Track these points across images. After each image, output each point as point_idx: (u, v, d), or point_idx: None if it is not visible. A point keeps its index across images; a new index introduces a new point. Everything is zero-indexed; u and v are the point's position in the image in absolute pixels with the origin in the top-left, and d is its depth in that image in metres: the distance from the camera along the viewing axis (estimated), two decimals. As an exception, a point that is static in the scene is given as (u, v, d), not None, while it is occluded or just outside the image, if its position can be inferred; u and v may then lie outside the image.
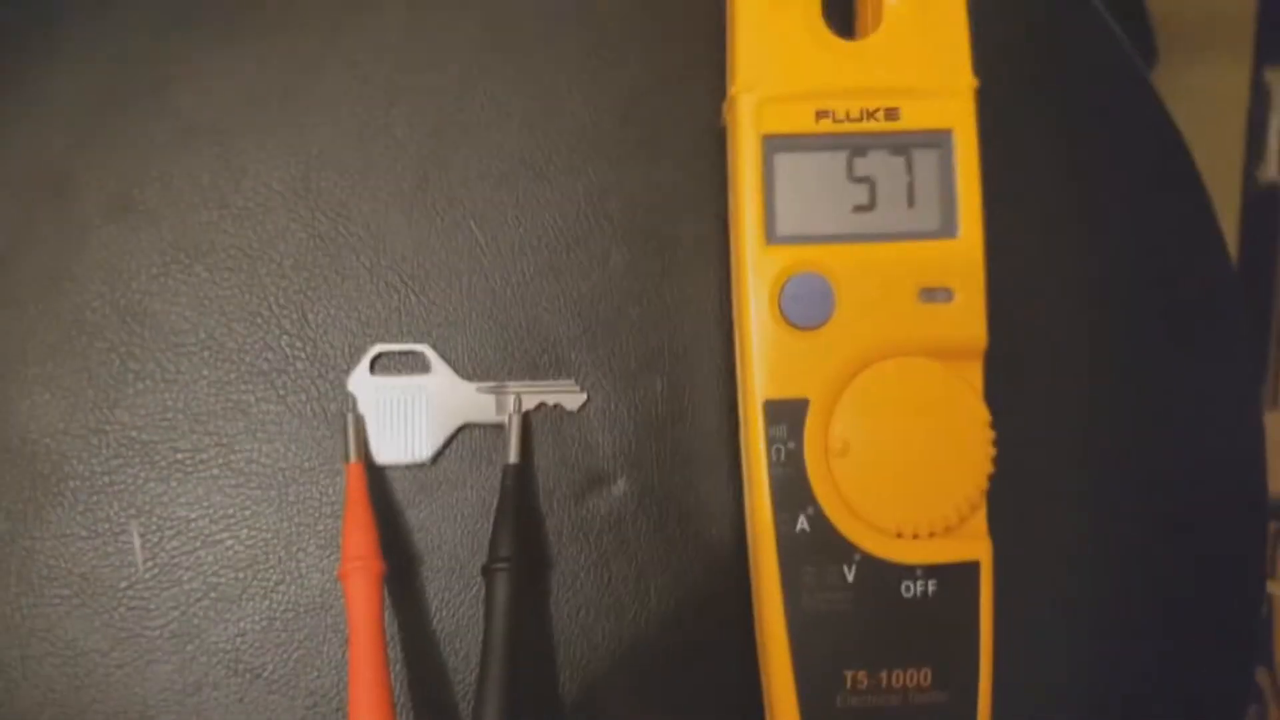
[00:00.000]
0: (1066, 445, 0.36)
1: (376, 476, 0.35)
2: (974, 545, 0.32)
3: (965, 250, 0.32)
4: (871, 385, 0.32)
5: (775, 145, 0.32)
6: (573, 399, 0.35)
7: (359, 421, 0.35)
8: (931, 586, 0.31)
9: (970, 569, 0.31)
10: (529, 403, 0.35)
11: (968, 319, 0.32)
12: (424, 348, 0.35)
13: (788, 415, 0.32)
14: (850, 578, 0.31)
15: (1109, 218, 0.37)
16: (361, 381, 0.35)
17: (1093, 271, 0.37)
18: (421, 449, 0.35)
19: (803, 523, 0.32)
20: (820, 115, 0.32)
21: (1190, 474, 0.36)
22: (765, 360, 0.32)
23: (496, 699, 0.32)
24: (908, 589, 0.31)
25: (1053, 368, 0.36)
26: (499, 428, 0.35)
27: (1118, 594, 0.36)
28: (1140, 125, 0.37)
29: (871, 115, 0.32)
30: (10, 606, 0.34)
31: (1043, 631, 0.35)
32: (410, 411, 0.35)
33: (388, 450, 0.35)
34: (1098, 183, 0.37)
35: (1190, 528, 0.36)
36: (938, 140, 0.32)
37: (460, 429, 0.35)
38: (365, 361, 0.35)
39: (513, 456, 0.35)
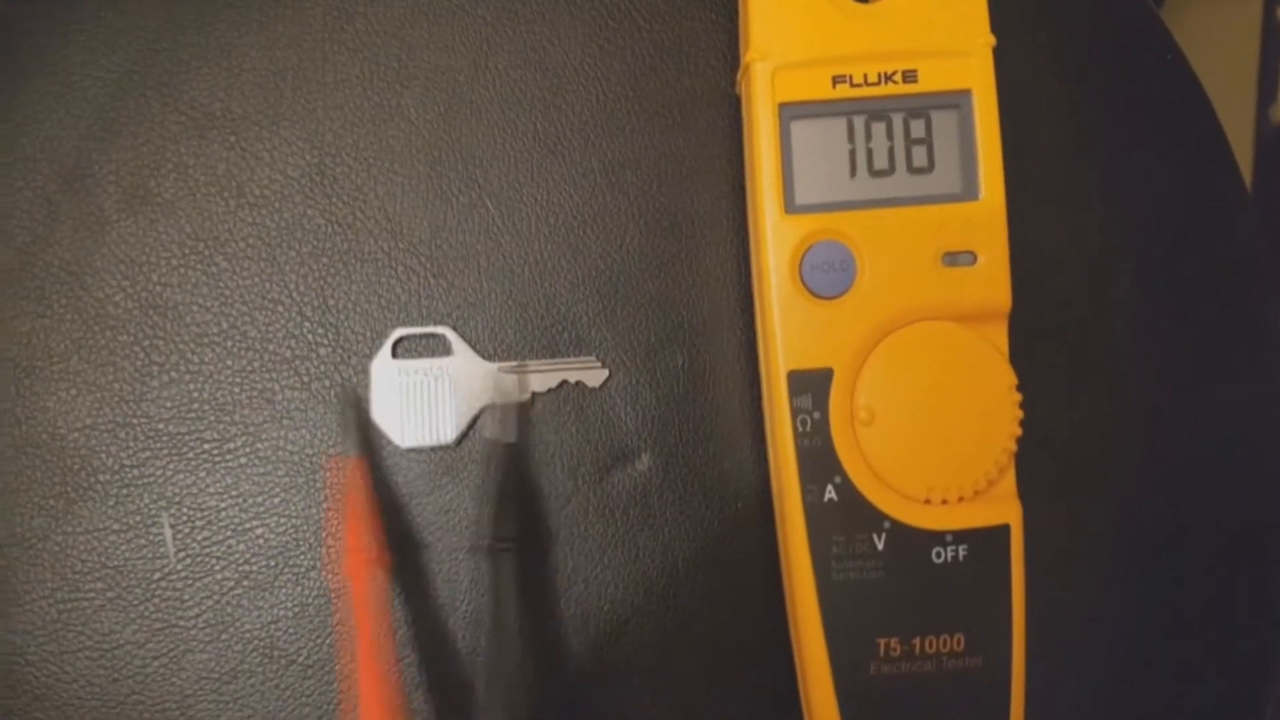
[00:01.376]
0: (1091, 405, 0.36)
1: (401, 460, 0.35)
2: (1004, 509, 0.31)
3: (987, 212, 0.31)
4: (896, 352, 0.31)
5: (792, 113, 0.32)
6: (594, 376, 0.35)
7: (356, 412, 0.35)
8: (962, 552, 0.31)
9: (1001, 533, 0.31)
10: (551, 381, 0.35)
11: (992, 281, 0.31)
12: (445, 330, 0.35)
13: (812, 385, 0.32)
14: (880, 546, 0.31)
15: (1126, 166, 0.36)
16: (384, 365, 0.35)
17: (1110, 222, 0.36)
18: (446, 431, 0.35)
19: (830, 492, 0.31)
20: (837, 81, 0.31)
21: (1216, 425, 0.36)
22: (787, 331, 0.32)
23: (505, 685, 0.32)
24: (938, 555, 0.31)
25: (1075, 326, 0.36)
26: (524, 408, 0.35)
27: (1147, 555, 0.36)
28: (1156, 70, 0.37)
29: (889, 78, 0.31)
30: (46, 602, 0.35)
31: (1073, 596, 0.35)
32: (433, 394, 0.35)
33: (412, 434, 0.35)
34: (1113, 130, 0.37)
35: (1217, 482, 0.36)
36: (957, 101, 0.32)
37: (483, 410, 0.35)
38: (387, 346, 0.35)
39: (511, 436, 0.35)
